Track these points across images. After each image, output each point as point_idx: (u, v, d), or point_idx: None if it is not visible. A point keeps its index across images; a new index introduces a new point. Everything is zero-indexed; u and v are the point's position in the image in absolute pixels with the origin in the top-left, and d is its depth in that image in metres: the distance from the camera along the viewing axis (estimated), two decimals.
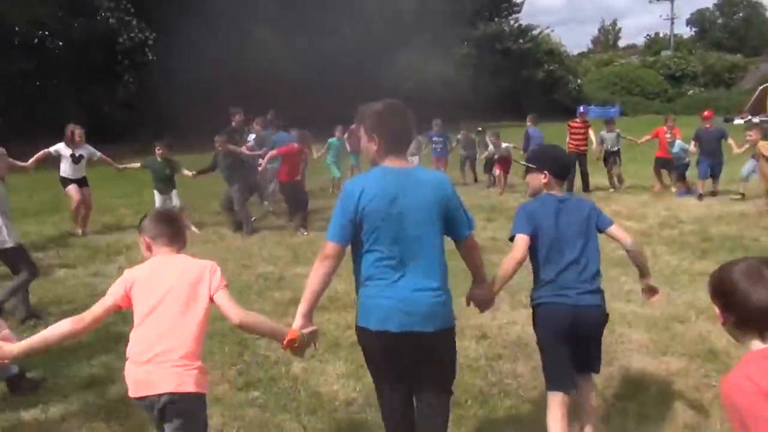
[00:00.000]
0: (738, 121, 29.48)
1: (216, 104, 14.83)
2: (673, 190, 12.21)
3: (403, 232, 2.69)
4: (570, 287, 3.06)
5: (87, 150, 9.68)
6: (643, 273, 3.35)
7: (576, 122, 13.21)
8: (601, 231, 3.21)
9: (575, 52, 57.92)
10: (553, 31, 50.04)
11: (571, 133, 13.12)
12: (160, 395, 2.48)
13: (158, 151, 9.57)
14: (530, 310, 3.29)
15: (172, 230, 2.89)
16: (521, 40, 39.75)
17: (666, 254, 7.58)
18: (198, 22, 25.19)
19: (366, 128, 2.86)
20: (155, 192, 9.62)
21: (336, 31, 26.90)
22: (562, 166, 3.37)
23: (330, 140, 13.55)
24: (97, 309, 2.65)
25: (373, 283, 2.73)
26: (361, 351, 2.95)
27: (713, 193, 11.62)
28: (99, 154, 9.88)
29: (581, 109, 14.51)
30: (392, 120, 2.84)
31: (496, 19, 38.86)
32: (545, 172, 3.26)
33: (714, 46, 61.75)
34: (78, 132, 9.49)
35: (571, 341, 3.10)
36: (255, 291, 6.46)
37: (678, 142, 12.03)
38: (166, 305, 2.60)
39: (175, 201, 9.53)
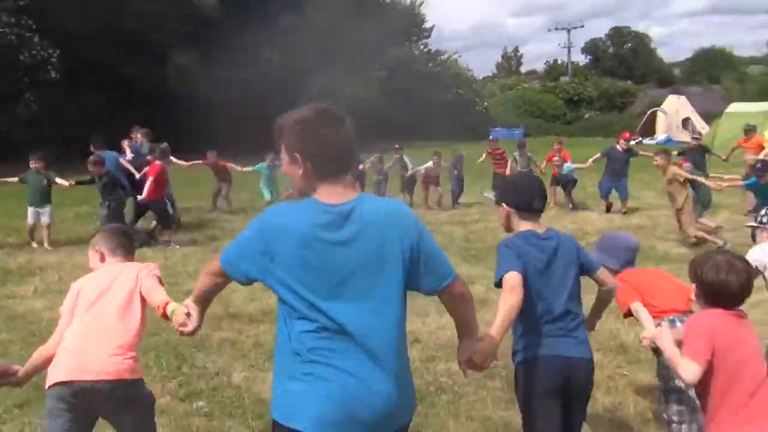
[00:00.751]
0: (631, 143, 31.60)
1: (129, 124, 14.50)
2: (570, 206, 12.85)
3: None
4: (558, 337, 2.69)
5: None
6: (597, 313, 3.13)
7: (490, 150, 14.13)
8: (587, 273, 2.88)
9: (481, 77, 60.27)
10: (460, 56, 52.02)
11: (494, 159, 13.97)
12: (95, 381, 2.55)
13: (33, 164, 9.67)
14: None
15: (129, 244, 3.09)
16: (431, 64, 41.12)
17: None
18: (108, 43, 24.51)
19: (287, 146, 2.06)
20: (28, 207, 9.58)
21: (255, 55, 26.85)
22: (523, 196, 2.86)
23: (259, 165, 12.89)
24: (60, 332, 2.74)
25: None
26: None
27: (607, 208, 12.25)
28: None
29: (492, 135, 15.53)
30: (323, 133, 2.01)
31: (407, 43, 40.10)
32: (503, 204, 2.91)
33: (607, 73, 65.98)
34: None
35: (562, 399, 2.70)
36: None
37: (567, 165, 12.69)
38: (103, 304, 2.73)
39: (46, 218, 9.58)
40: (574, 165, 12.78)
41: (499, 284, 2.63)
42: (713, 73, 65.84)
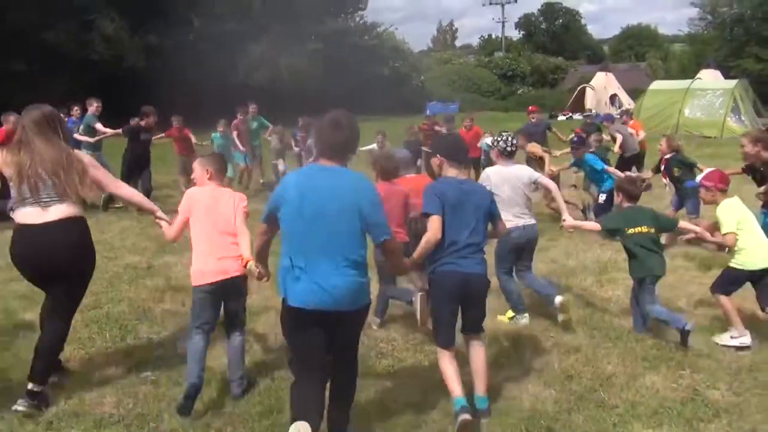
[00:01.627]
0: (561, 118, 32.60)
1: (57, 93, 13.97)
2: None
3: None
4: (460, 258, 3.61)
5: None
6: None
7: (425, 124, 14.18)
8: (491, 221, 3.81)
9: (417, 50, 60.39)
10: (396, 29, 51.89)
11: (426, 136, 13.99)
12: (225, 279, 3.82)
13: None
14: None
15: (225, 170, 4.34)
16: (367, 37, 40.88)
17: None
18: (29, 7, 23.29)
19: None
20: None
21: (185, 22, 26.07)
22: (453, 149, 3.87)
23: (213, 135, 12.23)
24: (177, 224, 4.05)
25: None
26: None
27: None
28: None
29: (428, 111, 15.44)
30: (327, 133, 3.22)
31: (342, 15, 39.70)
32: (437, 155, 3.86)
33: (539, 48, 67.41)
34: None
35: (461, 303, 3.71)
36: (125, 281, 6.42)
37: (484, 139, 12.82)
38: (214, 219, 3.91)
39: None
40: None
41: (426, 216, 3.66)
42: (639, 50, 68.29)
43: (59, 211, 3.74)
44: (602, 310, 5.39)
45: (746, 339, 4.57)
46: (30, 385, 3.74)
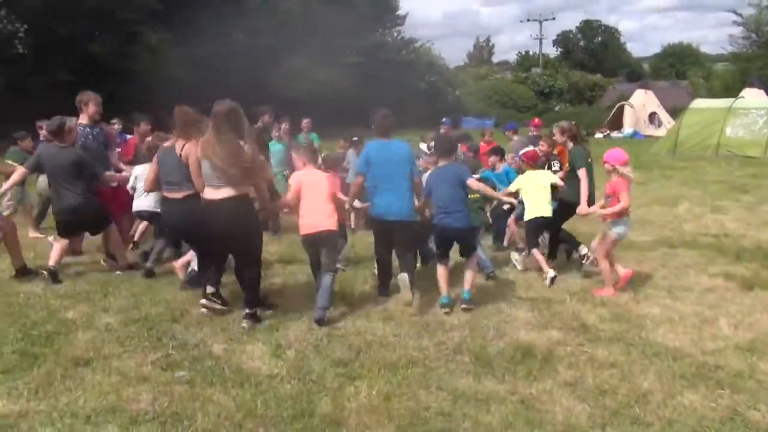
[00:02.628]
0: (598, 135, 32.20)
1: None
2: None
3: None
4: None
5: None
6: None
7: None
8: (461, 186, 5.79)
9: (453, 65, 60.45)
10: (433, 44, 51.96)
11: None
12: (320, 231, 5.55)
13: (21, 143, 9.34)
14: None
15: (316, 158, 6.13)
16: (404, 51, 41.16)
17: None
18: (76, 19, 24.04)
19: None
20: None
21: (225, 35, 26.63)
22: (444, 147, 6.15)
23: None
24: (290, 195, 5.74)
25: None
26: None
27: None
28: None
29: (443, 121, 15.38)
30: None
31: (380, 30, 40.05)
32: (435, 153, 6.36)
33: (577, 65, 66.92)
34: None
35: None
36: (163, 283, 6.53)
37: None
38: (317, 191, 5.65)
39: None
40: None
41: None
42: (680, 69, 67.24)
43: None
44: (638, 327, 5.30)
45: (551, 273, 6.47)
46: (247, 310, 5.27)
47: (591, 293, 6.19)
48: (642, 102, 35.06)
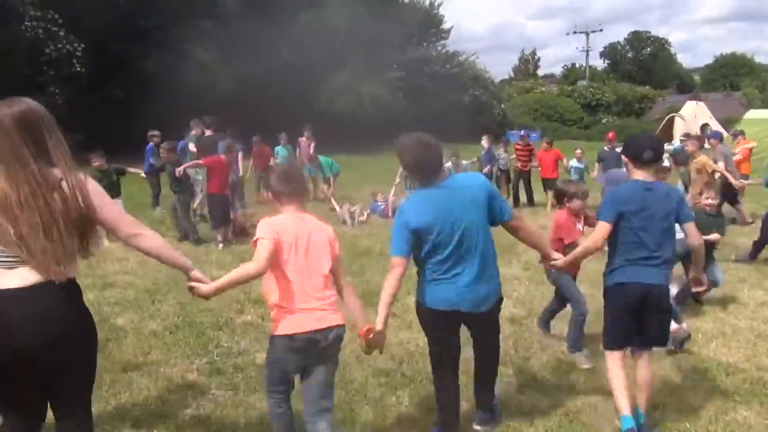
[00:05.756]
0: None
1: (152, 120, 14.78)
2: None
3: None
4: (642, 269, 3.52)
5: None
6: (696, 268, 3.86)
7: (519, 145, 14.18)
8: (680, 223, 3.56)
9: (498, 79, 60.15)
10: (478, 57, 51.93)
11: (517, 155, 14.05)
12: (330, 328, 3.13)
13: (96, 163, 9.35)
14: None
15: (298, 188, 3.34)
16: (448, 65, 41.09)
17: (591, 262, 8.29)
18: (130, 38, 24.88)
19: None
20: None
21: (273, 51, 27.15)
22: (634, 147, 3.62)
23: (277, 148, 14.03)
24: (264, 252, 2.98)
25: None
26: None
27: None
28: None
29: (522, 132, 15.56)
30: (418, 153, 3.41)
31: (424, 44, 40.17)
32: (623, 155, 3.72)
33: (625, 77, 65.71)
34: None
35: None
36: None
37: (585, 160, 13.09)
38: (309, 258, 3.13)
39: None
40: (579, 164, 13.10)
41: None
42: (734, 80, 65.34)
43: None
44: (690, 340, 5.13)
45: None
46: None
47: None
48: (693, 113, 34.13)
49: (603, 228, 3.54)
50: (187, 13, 25.94)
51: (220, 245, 9.19)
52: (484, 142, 14.20)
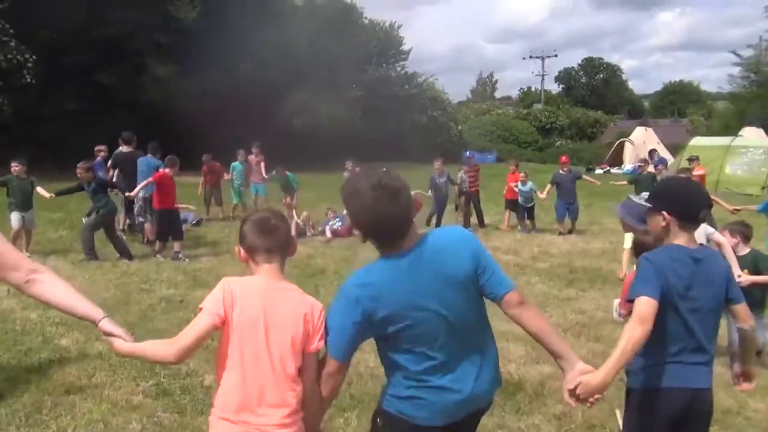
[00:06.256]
0: (599, 171, 32.41)
1: (104, 131, 14.57)
2: (519, 228, 13.34)
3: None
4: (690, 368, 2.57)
5: None
6: (746, 359, 2.81)
7: (466, 167, 14.32)
8: (729, 303, 2.63)
9: (456, 100, 61.08)
10: (437, 79, 52.53)
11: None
12: None
13: (15, 168, 9.30)
14: None
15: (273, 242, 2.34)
16: (407, 86, 41.55)
17: (539, 283, 8.50)
18: (84, 50, 24.48)
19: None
20: (12, 212, 9.17)
21: (233, 67, 27.02)
22: (686, 204, 2.63)
23: (233, 164, 14.20)
24: (190, 337, 2.16)
25: None
26: None
27: (570, 231, 12.87)
28: None
29: (468, 154, 15.95)
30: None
31: (384, 65, 40.55)
32: (663, 212, 2.63)
33: (579, 102, 67.59)
34: None
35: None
36: (159, 312, 6.58)
37: (530, 183, 13.14)
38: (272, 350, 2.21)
39: (30, 223, 9.48)
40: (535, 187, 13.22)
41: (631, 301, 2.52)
42: (681, 107, 67.92)
43: None
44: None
45: None
46: None
47: (585, 327, 6.20)
48: (642, 139, 35.37)
49: (650, 305, 2.44)
50: (144, 26, 25.64)
51: (158, 255, 9.42)
52: (437, 164, 13.43)
